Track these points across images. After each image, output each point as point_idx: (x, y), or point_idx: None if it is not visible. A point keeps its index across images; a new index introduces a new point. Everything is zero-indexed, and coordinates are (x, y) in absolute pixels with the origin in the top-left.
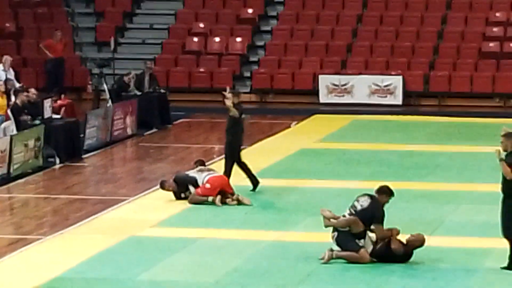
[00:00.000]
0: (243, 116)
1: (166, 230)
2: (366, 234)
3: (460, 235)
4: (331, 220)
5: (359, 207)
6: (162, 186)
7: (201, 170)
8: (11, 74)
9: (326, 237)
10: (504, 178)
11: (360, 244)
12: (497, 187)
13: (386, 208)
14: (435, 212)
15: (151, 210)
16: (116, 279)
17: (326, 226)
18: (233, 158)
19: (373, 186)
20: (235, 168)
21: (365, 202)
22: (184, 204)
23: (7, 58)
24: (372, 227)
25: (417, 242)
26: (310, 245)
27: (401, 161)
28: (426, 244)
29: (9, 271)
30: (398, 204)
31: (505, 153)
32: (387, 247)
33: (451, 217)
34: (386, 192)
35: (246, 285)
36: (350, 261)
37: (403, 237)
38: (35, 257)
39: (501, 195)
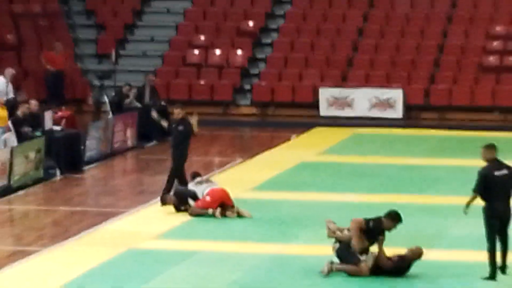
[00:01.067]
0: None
1: (166, 242)
2: (369, 250)
3: (460, 249)
4: (337, 232)
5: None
6: (163, 202)
7: (199, 182)
8: (10, 87)
9: (326, 250)
10: None
11: (361, 258)
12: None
13: None
14: (435, 226)
15: (151, 223)
16: None
17: (329, 237)
18: (179, 172)
19: (373, 200)
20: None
21: (370, 222)
22: (184, 217)
23: (10, 71)
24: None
25: (415, 256)
26: (310, 258)
27: (401, 174)
28: (425, 257)
29: (9, 283)
30: None
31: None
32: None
33: (451, 230)
34: (392, 217)
35: None
36: (350, 274)
37: (402, 251)
38: (35, 269)
39: None
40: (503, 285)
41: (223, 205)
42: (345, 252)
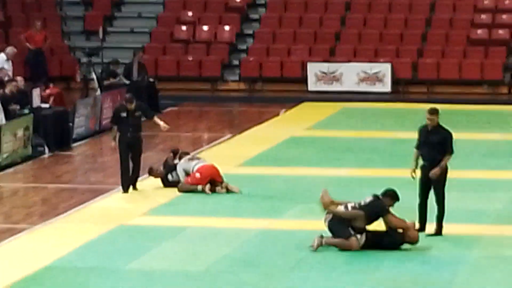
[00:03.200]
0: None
1: (155, 218)
2: (365, 230)
3: (449, 222)
4: (339, 208)
5: (362, 203)
6: (150, 172)
7: (191, 159)
8: (9, 65)
9: (316, 225)
10: None
11: (352, 233)
12: (486, 174)
13: None
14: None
15: (140, 199)
16: (105, 268)
17: (327, 212)
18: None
19: (363, 174)
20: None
21: (368, 199)
22: (173, 193)
23: (11, 49)
24: (383, 220)
25: (411, 241)
26: (300, 232)
27: (390, 148)
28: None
29: None
30: None
31: None
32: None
33: None
34: (391, 196)
35: (236, 273)
36: (340, 248)
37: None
38: (24, 247)
39: None
40: (496, 262)
41: (213, 181)
42: (336, 225)
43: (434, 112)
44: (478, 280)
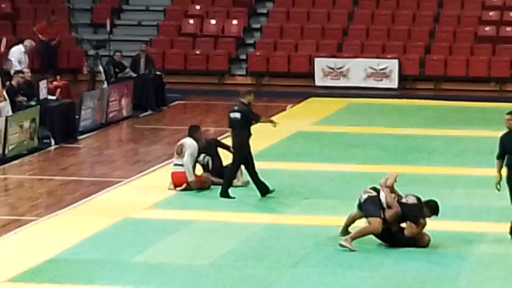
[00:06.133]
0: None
1: (160, 212)
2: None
3: (454, 219)
4: (393, 193)
5: (403, 200)
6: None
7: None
8: (26, 58)
9: (321, 220)
10: None
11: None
12: (492, 171)
13: None
14: (430, 196)
15: (145, 192)
16: (110, 261)
17: (387, 187)
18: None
19: (368, 170)
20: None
21: (411, 200)
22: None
23: (30, 42)
24: (407, 222)
25: (423, 244)
26: (305, 227)
27: (396, 144)
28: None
29: (4, 253)
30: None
31: None
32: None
33: (446, 201)
34: (432, 208)
35: (240, 267)
36: (363, 234)
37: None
38: (29, 239)
39: None
40: (502, 258)
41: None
42: (371, 203)
43: None
44: (482, 277)
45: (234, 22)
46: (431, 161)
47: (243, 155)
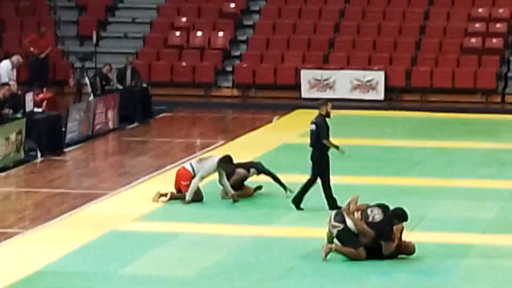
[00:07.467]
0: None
1: (147, 224)
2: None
3: (440, 231)
4: (355, 215)
5: (370, 219)
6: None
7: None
8: (14, 74)
9: (308, 232)
10: None
11: (361, 244)
12: (477, 183)
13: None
14: (415, 208)
15: (132, 204)
16: (97, 273)
17: (347, 214)
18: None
19: (354, 182)
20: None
21: (377, 216)
22: (165, 198)
23: (17, 58)
24: (381, 242)
25: (406, 250)
26: (292, 239)
27: (382, 156)
28: (406, 238)
29: None
30: (379, 199)
31: None
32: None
33: (432, 213)
34: (399, 216)
35: (228, 280)
36: (349, 257)
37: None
38: (16, 251)
39: None
40: (489, 270)
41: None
42: (346, 235)
43: None
44: None
45: (220, 34)
46: (417, 173)
47: (320, 168)
